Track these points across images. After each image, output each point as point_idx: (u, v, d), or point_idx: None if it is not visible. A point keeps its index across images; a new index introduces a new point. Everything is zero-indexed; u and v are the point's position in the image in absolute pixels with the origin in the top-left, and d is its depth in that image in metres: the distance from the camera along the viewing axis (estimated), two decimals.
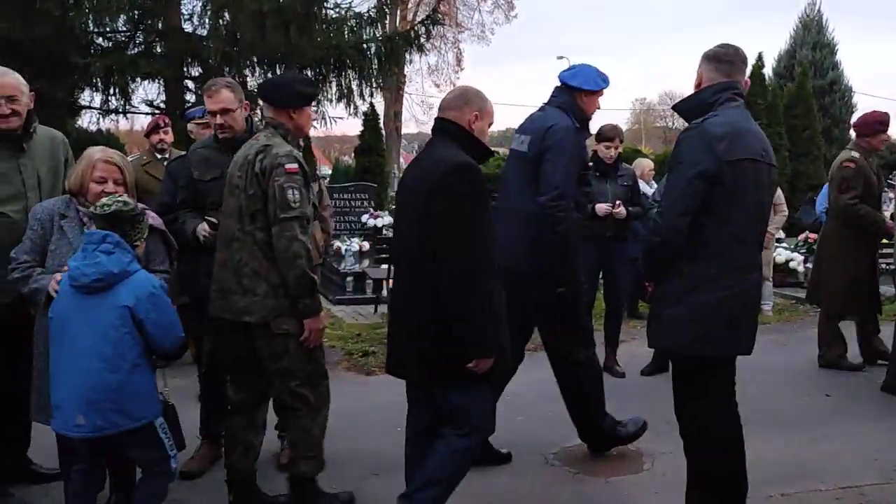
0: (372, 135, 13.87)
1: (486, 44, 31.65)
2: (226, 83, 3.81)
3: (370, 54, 11.01)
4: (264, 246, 3.23)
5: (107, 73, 9.85)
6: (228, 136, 3.78)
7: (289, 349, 3.28)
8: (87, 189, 3.21)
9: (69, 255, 3.06)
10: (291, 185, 3.19)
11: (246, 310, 3.25)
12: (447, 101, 3.15)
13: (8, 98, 3.41)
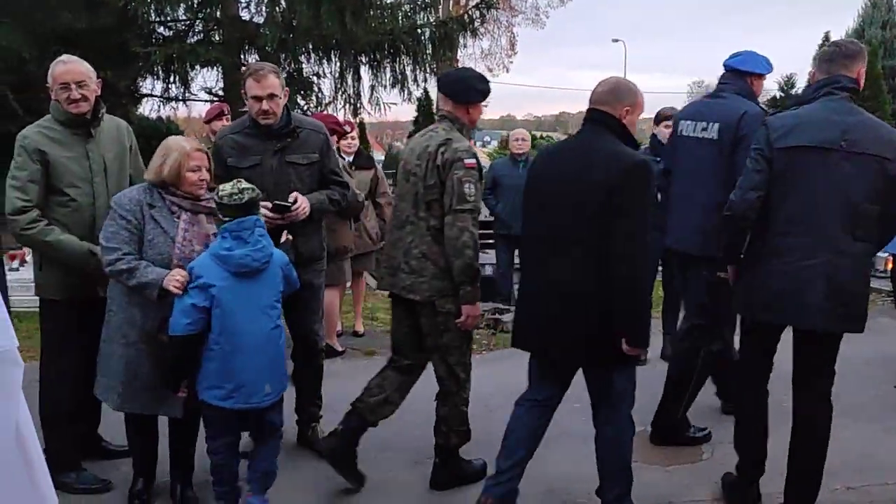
0: (426, 120, 13.84)
1: (541, 27, 31.38)
2: (272, 68, 3.70)
3: (424, 39, 11.01)
4: (436, 232, 3.49)
5: (167, 62, 10.08)
6: (271, 123, 3.71)
7: (449, 328, 3.57)
8: (184, 178, 3.25)
9: (166, 245, 3.19)
10: (469, 179, 3.42)
11: (411, 288, 3.56)
12: (599, 95, 3.22)
13: (78, 83, 3.50)
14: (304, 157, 3.81)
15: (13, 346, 1.92)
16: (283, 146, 3.75)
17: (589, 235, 3.05)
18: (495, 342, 6.45)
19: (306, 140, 3.83)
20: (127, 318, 3.26)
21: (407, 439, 4.31)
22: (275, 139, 3.73)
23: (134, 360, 3.26)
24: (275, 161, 3.74)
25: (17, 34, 8.90)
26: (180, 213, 3.26)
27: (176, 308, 3.10)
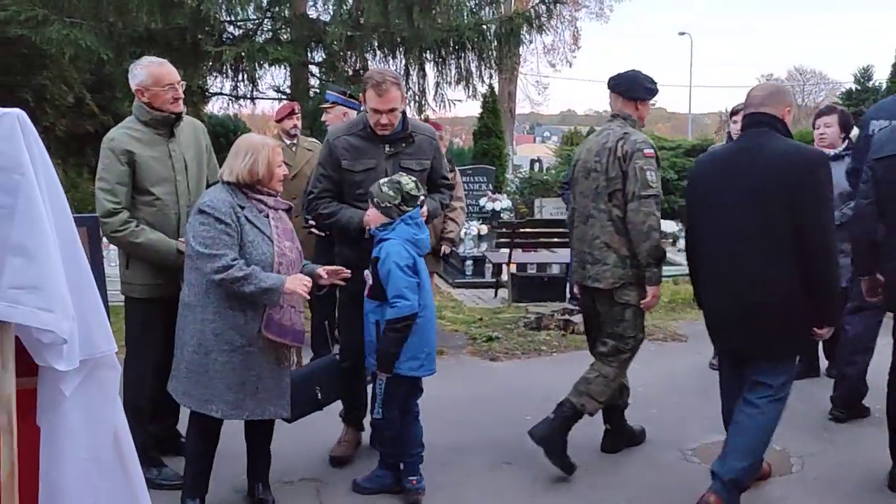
0: (491, 117, 13.75)
1: (605, 21, 30.82)
2: (393, 80, 3.61)
3: (490, 35, 10.90)
4: (618, 222, 3.75)
5: (236, 60, 10.22)
6: (387, 133, 3.68)
7: (625, 317, 3.84)
8: (275, 174, 3.26)
9: (265, 244, 3.17)
10: (650, 167, 3.69)
11: (595, 277, 3.82)
12: (762, 98, 3.38)
13: (178, 83, 3.62)
14: (417, 163, 3.78)
15: (112, 349, 1.93)
16: (398, 151, 3.74)
17: (774, 231, 3.21)
18: (566, 343, 6.33)
19: (420, 146, 3.80)
20: (229, 324, 3.15)
21: (482, 443, 4.25)
22: (389, 143, 3.71)
23: (240, 366, 3.17)
24: (389, 166, 3.71)
25: (95, 36, 9.13)
26: (267, 210, 3.25)
27: (403, 288, 3.34)
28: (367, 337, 3.53)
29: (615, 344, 3.90)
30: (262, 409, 3.25)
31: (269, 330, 3.17)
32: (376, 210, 3.45)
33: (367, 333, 3.52)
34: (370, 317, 3.50)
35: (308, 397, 3.57)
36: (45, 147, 1.81)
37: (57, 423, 1.87)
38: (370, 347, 3.52)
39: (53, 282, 1.75)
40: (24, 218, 1.73)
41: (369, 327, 3.51)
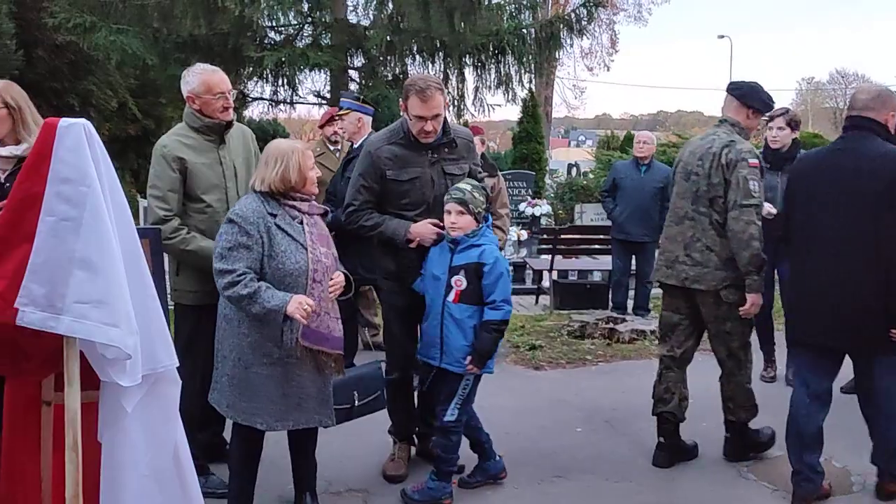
0: (531, 122, 13.64)
1: (643, 24, 30.49)
2: (437, 86, 3.56)
3: (529, 40, 10.81)
4: (718, 227, 3.80)
5: (277, 65, 10.26)
6: (430, 140, 3.62)
7: (731, 315, 3.85)
8: (308, 178, 3.20)
9: (299, 252, 3.10)
10: (753, 177, 3.72)
11: (695, 279, 3.86)
12: (864, 102, 3.43)
13: (229, 91, 3.61)
14: (459, 167, 3.74)
15: (174, 364, 1.90)
16: (441, 157, 3.68)
17: (867, 232, 3.28)
18: (612, 353, 6.22)
19: (460, 150, 3.77)
20: (266, 336, 3.09)
21: (531, 455, 4.17)
22: (432, 150, 3.66)
23: (281, 378, 3.12)
24: (434, 172, 3.67)
25: (141, 42, 9.24)
26: (301, 217, 3.18)
27: (508, 293, 3.51)
28: (463, 342, 3.50)
29: (726, 345, 3.94)
30: (306, 417, 3.21)
31: (306, 338, 3.11)
32: (470, 216, 3.49)
33: (463, 338, 3.50)
34: (467, 322, 3.50)
35: (344, 403, 3.53)
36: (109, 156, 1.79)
37: (118, 439, 1.84)
38: (463, 352, 3.51)
39: (118, 296, 1.72)
40: (90, 231, 1.70)
41: (466, 332, 3.50)
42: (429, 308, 3.62)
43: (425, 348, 3.65)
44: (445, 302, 3.52)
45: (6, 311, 1.69)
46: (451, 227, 3.52)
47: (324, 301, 3.16)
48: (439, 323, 3.54)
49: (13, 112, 3.30)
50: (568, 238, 8.69)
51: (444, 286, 3.54)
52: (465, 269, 3.49)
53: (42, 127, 1.78)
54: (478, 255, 3.50)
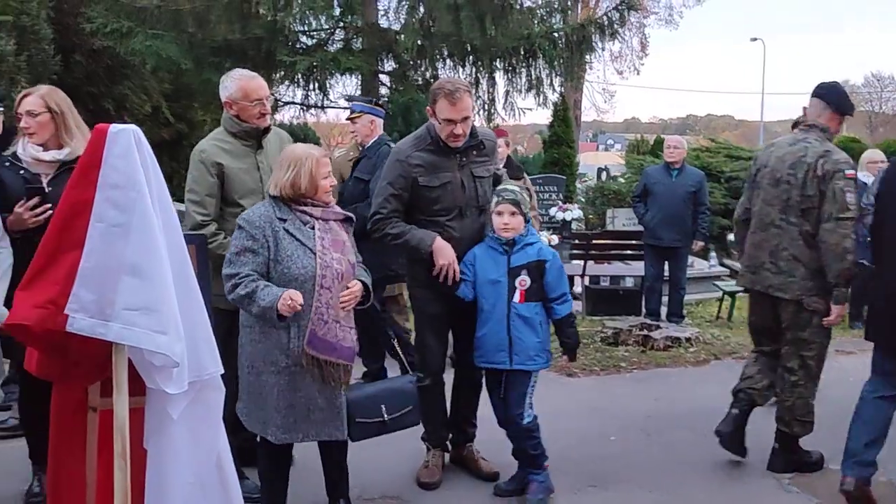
0: (562, 126, 13.56)
1: (674, 27, 30.14)
2: (466, 88, 3.56)
3: (561, 43, 10.76)
4: (808, 237, 3.76)
5: (309, 70, 10.32)
6: (459, 144, 3.60)
7: (811, 323, 3.83)
8: (319, 186, 3.13)
9: (307, 257, 3.03)
10: (850, 189, 3.68)
11: (779, 287, 3.85)
12: None
13: (266, 97, 3.62)
14: (486, 169, 3.75)
15: (219, 371, 1.89)
16: (469, 160, 3.67)
17: None
18: (646, 360, 6.13)
19: (487, 152, 3.77)
20: (274, 343, 3.03)
21: (565, 463, 4.12)
22: (459, 153, 3.64)
23: (287, 387, 3.03)
24: (464, 176, 3.66)
25: (176, 46, 9.35)
26: (313, 222, 3.12)
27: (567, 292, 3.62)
28: (535, 339, 3.56)
29: (799, 353, 3.90)
30: (316, 430, 3.12)
31: (312, 346, 3.02)
32: (521, 217, 3.53)
33: (535, 336, 3.56)
34: (535, 319, 3.56)
35: (372, 416, 3.38)
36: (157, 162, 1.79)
37: (164, 446, 1.83)
38: (535, 349, 3.56)
39: (166, 303, 1.72)
40: (139, 237, 1.70)
41: (536, 329, 3.55)
42: (487, 313, 3.59)
43: (489, 354, 3.61)
44: (511, 304, 3.54)
45: (57, 317, 1.69)
46: (503, 228, 3.53)
47: (333, 308, 3.07)
48: (505, 325, 3.54)
49: (56, 117, 3.35)
50: (600, 243, 8.61)
51: (505, 288, 3.55)
52: (526, 269, 3.54)
53: (92, 133, 1.78)
54: (536, 253, 3.56)
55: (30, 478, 3.62)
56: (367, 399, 3.37)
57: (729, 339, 6.73)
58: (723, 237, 11.30)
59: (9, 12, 8.60)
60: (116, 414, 1.80)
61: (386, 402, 3.43)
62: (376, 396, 3.43)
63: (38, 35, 8.96)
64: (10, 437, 4.17)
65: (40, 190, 3.29)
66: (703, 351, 6.29)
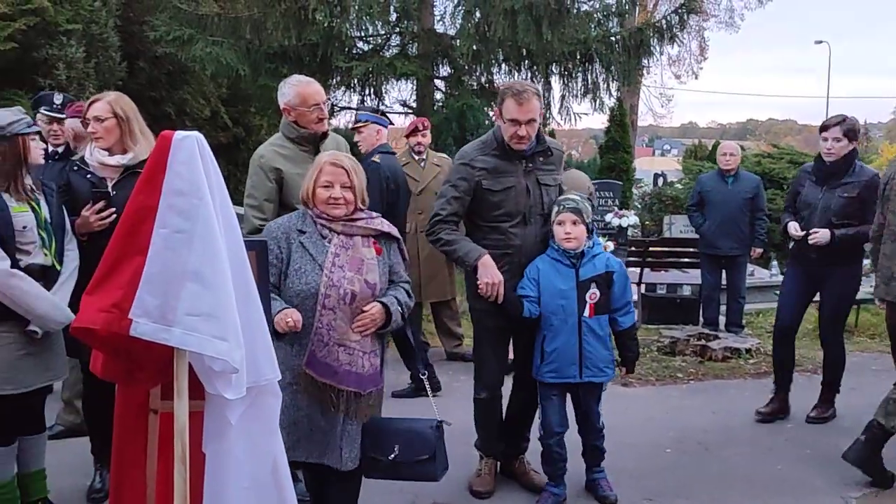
0: (618, 131, 13.41)
1: (734, 30, 29.36)
2: (534, 91, 3.52)
3: (618, 47, 10.63)
4: None
5: (365, 75, 10.40)
6: (524, 147, 3.55)
7: None
8: (315, 195, 2.95)
9: (314, 273, 2.86)
10: None
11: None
12: None
13: (323, 103, 3.66)
14: (552, 178, 3.69)
15: (276, 377, 1.90)
16: (535, 167, 3.62)
17: None
18: (704, 371, 6.00)
19: (554, 160, 3.71)
20: (279, 358, 2.68)
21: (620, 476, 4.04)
22: (525, 159, 3.60)
23: (290, 404, 2.84)
24: (529, 182, 3.60)
25: (234, 53, 9.54)
26: (332, 236, 2.94)
27: (631, 302, 3.63)
28: (605, 351, 3.59)
29: None
30: (318, 452, 2.91)
31: (311, 367, 2.85)
32: (584, 227, 3.48)
33: (604, 348, 3.58)
34: (605, 331, 3.58)
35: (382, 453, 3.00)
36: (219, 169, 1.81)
37: (222, 451, 1.85)
38: (605, 360, 3.59)
39: (227, 309, 1.73)
40: (201, 243, 1.72)
41: (605, 341, 3.58)
42: (556, 328, 3.54)
43: (560, 368, 3.57)
44: (582, 318, 3.51)
45: (121, 321, 1.73)
46: (565, 239, 3.48)
47: (336, 331, 2.86)
48: (577, 340, 3.52)
49: (122, 123, 3.43)
50: (657, 250, 8.45)
51: (575, 303, 3.51)
52: (596, 282, 3.51)
53: (158, 139, 1.81)
54: (605, 265, 3.54)
55: (91, 473, 3.72)
56: (380, 432, 3.02)
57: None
58: (784, 245, 10.99)
59: (79, 21, 8.90)
60: (176, 418, 1.83)
61: (400, 442, 3.02)
62: (392, 433, 3.04)
63: (105, 43, 9.27)
64: (70, 435, 4.29)
65: (106, 194, 3.38)
66: (763, 363, 6.11)
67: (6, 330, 3.02)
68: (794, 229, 4.63)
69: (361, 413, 2.95)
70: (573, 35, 10.34)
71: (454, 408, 3.72)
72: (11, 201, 3.05)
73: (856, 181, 4.52)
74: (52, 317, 3.05)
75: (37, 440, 3.35)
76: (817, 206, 4.57)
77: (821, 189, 4.60)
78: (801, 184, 4.77)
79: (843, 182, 4.54)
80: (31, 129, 3.14)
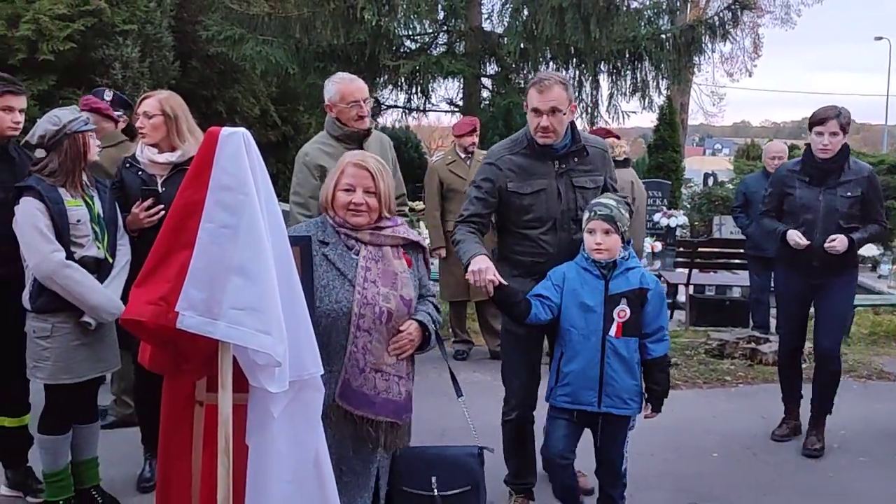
0: (667, 130, 13.23)
1: (790, 27, 28.66)
2: (559, 79, 3.20)
3: (668, 45, 10.48)
4: None
5: (412, 73, 10.45)
6: (549, 141, 3.19)
7: None
8: (335, 198, 2.65)
9: (343, 290, 2.56)
10: None
11: None
12: None
13: (364, 100, 3.67)
14: (591, 179, 3.30)
15: (319, 371, 1.92)
16: (569, 168, 3.27)
17: None
18: (753, 374, 5.87)
19: (593, 160, 3.33)
20: None
21: (665, 479, 3.98)
22: (558, 160, 3.26)
23: None
24: (561, 185, 3.26)
25: (284, 52, 9.69)
26: (359, 247, 2.63)
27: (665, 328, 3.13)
28: (631, 381, 3.08)
29: None
30: (349, 496, 2.57)
31: (344, 398, 2.55)
32: (617, 236, 3.04)
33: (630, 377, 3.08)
34: (633, 357, 3.07)
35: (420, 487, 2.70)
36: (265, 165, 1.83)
37: (264, 444, 1.88)
38: (631, 392, 3.09)
39: (271, 303, 1.75)
40: (246, 239, 1.75)
41: (632, 369, 3.08)
42: (577, 344, 3.09)
43: (575, 392, 3.10)
44: (607, 337, 3.05)
45: (168, 314, 1.76)
46: (595, 249, 3.06)
47: (372, 354, 2.57)
48: (598, 361, 3.05)
49: (169, 120, 3.50)
50: (706, 251, 8.32)
51: (601, 319, 3.05)
52: (627, 298, 3.04)
53: (205, 135, 1.85)
54: (639, 280, 3.07)
55: (142, 462, 3.81)
56: (416, 463, 2.73)
57: (846, 357, 6.34)
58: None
59: (135, 21, 9.13)
60: (221, 410, 1.86)
61: (438, 472, 2.73)
62: (428, 463, 2.75)
63: (160, 43, 9.48)
64: (121, 425, 4.40)
65: (154, 191, 3.46)
66: None
67: (62, 320, 3.12)
68: (797, 237, 4.12)
69: (397, 444, 2.69)
70: (622, 33, 10.25)
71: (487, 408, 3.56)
72: (66, 195, 3.15)
73: (854, 179, 4.12)
74: (104, 308, 3.13)
75: (90, 429, 3.45)
76: (819, 209, 4.13)
77: (819, 190, 4.15)
78: (787, 185, 4.26)
79: (842, 181, 4.12)
80: (88, 126, 3.23)
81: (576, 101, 3.60)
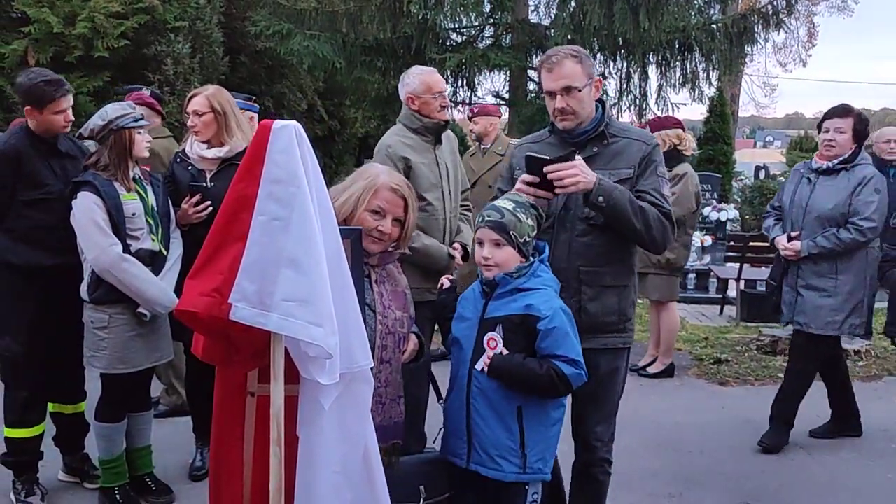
0: (718, 121, 12.96)
1: (848, 14, 27.79)
2: (570, 52, 2.74)
3: (719, 35, 10.26)
4: None
5: (458, 66, 10.42)
6: (570, 125, 2.77)
7: None
8: (359, 220, 2.34)
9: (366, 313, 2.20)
10: None
11: None
12: None
13: (445, 91, 3.70)
14: (610, 172, 2.75)
15: (369, 364, 1.92)
16: (589, 156, 2.76)
17: None
18: None
19: (621, 151, 2.81)
20: None
21: (716, 478, 3.91)
22: (581, 148, 2.79)
23: None
24: None
25: (330, 46, 9.75)
26: (368, 270, 2.36)
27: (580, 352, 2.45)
28: (502, 434, 2.42)
29: None
30: None
31: None
32: (510, 248, 2.45)
33: (501, 427, 2.42)
34: (504, 404, 2.41)
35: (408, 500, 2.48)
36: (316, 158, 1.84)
37: (315, 434, 1.89)
38: (502, 449, 2.42)
39: (322, 296, 1.76)
40: (298, 231, 1.76)
41: (504, 418, 2.41)
42: (452, 377, 2.55)
43: (449, 439, 2.55)
44: (472, 371, 2.45)
45: (221, 305, 1.78)
46: (483, 264, 2.48)
47: (392, 387, 2.37)
48: (464, 402, 2.45)
49: (219, 117, 3.56)
50: (757, 245, 8.12)
51: (470, 347, 2.46)
52: (502, 325, 2.41)
53: (257, 129, 1.86)
54: (523, 306, 2.41)
55: (193, 451, 3.88)
56: (404, 477, 2.48)
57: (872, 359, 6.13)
58: None
59: (186, 18, 9.29)
60: (273, 401, 1.87)
61: (426, 481, 2.53)
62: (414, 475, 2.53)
63: (209, 39, 9.63)
64: (172, 415, 4.50)
65: (202, 187, 3.52)
66: (874, 365, 5.79)
67: (118, 312, 3.19)
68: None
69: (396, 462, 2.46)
70: (672, 23, 10.06)
71: None
72: (122, 189, 3.22)
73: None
74: (159, 300, 3.20)
75: (143, 417, 3.53)
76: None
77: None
78: None
79: None
80: (139, 123, 3.29)
81: (625, 94, 3.50)
